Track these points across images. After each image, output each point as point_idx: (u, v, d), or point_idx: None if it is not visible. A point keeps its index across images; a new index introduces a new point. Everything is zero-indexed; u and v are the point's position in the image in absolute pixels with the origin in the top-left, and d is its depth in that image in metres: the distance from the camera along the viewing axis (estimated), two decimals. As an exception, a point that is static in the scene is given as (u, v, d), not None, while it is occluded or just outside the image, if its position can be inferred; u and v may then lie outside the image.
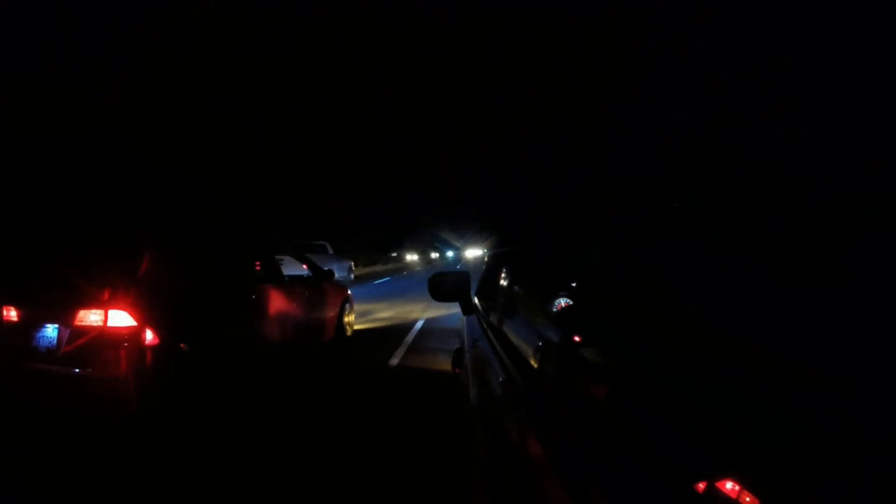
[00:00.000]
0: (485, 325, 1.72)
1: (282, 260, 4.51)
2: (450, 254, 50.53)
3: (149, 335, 2.81)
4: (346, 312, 5.65)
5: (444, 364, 4.31)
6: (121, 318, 2.74)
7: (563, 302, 1.09)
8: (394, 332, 6.22)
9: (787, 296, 0.55)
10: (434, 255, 56.76)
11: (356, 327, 6.06)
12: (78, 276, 2.88)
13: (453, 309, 2.32)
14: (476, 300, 2.15)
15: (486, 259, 2.89)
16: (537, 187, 1.47)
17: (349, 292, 5.78)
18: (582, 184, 1.13)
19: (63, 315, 2.77)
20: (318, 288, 4.92)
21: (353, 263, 16.49)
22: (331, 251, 14.37)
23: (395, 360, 4.74)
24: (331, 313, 5.14)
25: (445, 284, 1.88)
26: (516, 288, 1.54)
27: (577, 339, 0.94)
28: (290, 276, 4.65)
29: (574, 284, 1.10)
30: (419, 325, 6.80)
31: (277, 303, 4.09)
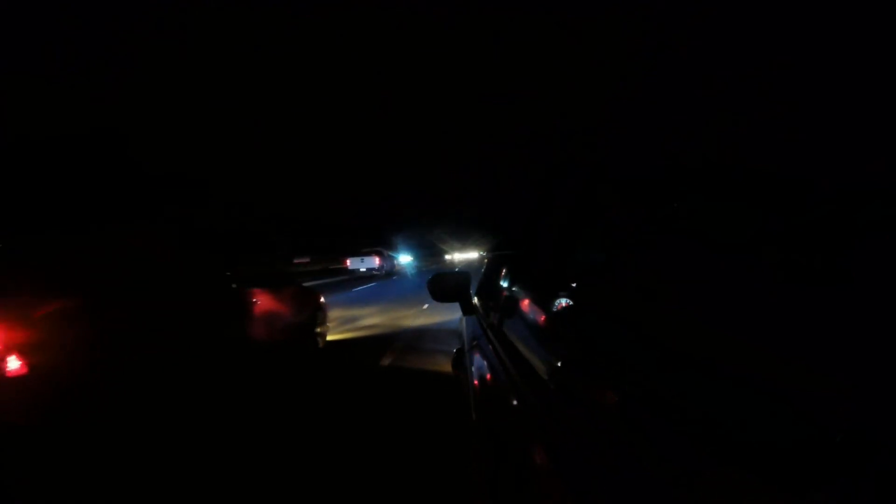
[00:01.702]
0: (485, 326, 1.72)
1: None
2: (405, 259, 28.85)
3: (15, 363, 2.30)
4: (319, 321, 5.05)
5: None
6: None
7: (563, 302, 1.09)
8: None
9: (787, 296, 0.55)
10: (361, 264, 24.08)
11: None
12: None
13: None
14: (476, 300, 2.15)
15: (484, 261, 2.88)
16: (537, 187, 1.47)
17: (322, 300, 5.21)
18: (582, 184, 1.13)
19: None
20: (282, 294, 4.28)
21: (395, 260, 24.96)
22: (387, 252, 21.33)
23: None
24: (298, 321, 4.60)
25: (445, 285, 1.89)
26: (516, 288, 1.54)
27: (576, 338, 0.94)
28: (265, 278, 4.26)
29: (574, 284, 1.10)
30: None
31: (225, 314, 3.55)
